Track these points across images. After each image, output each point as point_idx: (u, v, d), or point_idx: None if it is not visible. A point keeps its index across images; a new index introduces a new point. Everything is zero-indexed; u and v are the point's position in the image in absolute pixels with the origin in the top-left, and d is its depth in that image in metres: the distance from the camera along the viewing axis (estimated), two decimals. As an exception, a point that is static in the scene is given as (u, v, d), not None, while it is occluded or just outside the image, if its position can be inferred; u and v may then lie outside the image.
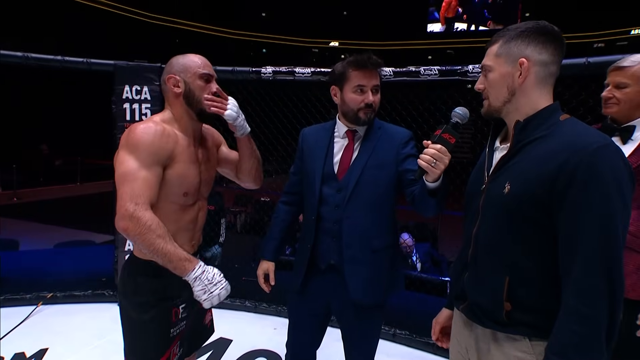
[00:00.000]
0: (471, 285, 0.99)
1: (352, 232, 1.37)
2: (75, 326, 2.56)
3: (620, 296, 0.78)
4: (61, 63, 2.65)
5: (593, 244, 0.77)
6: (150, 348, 1.20)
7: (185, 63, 1.22)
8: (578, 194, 0.78)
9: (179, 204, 1.22)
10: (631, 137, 1.45)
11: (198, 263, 1.12)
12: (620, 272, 0.78)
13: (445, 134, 1.04)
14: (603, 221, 0.77)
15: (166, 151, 1.15)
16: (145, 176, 1.09)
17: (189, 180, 1.22)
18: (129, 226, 1.05)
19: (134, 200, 1.06)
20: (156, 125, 1.16)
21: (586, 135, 0.83)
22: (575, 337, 0.77)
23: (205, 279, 1.10)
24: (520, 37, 0.91)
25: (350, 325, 1.48)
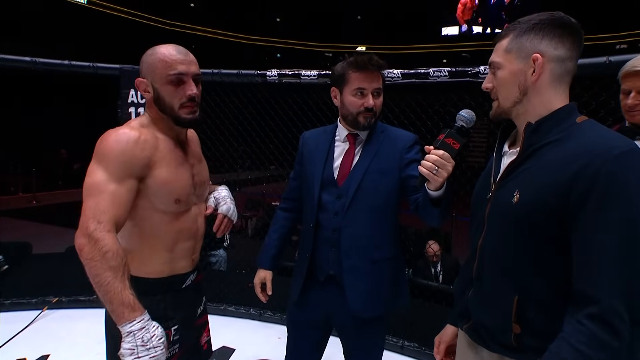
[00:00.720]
0: (476, 303, 0.90)
1: (352, 241, 1.29)
2: (78, 332, 2.54)
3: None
4: (68, 67, 2.66)
5: (615, 265, 0.68)
6: None
7: (152, 63, 1.05)
8: (596, 205, 0.69)
9: (171, 213, 1.10)
10: None
11: (141, 316, 0.92)
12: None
13: (448, 138, 0.96)
14: (626, 239, 0.68)
15: (141, 160, 1.02)
16: (113, 191, 0.97)
17: (179, 184, 1.10)
18: (85, 246, 0.92)
19: (97, 217, 0.94)
20: (131, 131, 1.04)
21: (607, 139, 0.73)
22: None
23: (140, 338, 0.91)
24: (534, 30, 0.82)
25: (351, 339, 1.40)
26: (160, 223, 1.09)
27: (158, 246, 1.10)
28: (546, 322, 0.78)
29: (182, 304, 1.18)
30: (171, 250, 1.12)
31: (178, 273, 1.15)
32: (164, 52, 1.05)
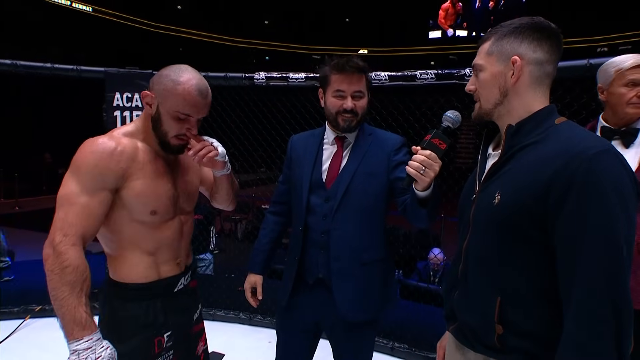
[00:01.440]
0: (461, 304, 0.91)
1: (341, 243, 1.29)
2: (63, 341, 2.47)
3: (628, 324, 0.69)
4: (51, 71, 2.61)
5: (593, 263, 0.69)
6: None
7: (170, 89, 1.02)
8: (575, 205, 0.70)
9: (150, 223, 1.07)
10: (634, 140, 1.36)
11: (90, 335, 0.92)
12: (626, 295, 0.69)
13: (435, 139, 0.97)
14: (605, 236, 0.69)
15: (115, 172, 1.01)
16: (84, 204, 0.96)
17: (154, 197, 1.06)
18: (49, 257, 0.93)
19: (64, 230, 0.94)
20: (109, 141, 1.01)
21: (584, 139, 0.74)
22: None
23: (84, 358, 0.90)
24: (514, 34, 0.84)
25: (341, 343, 1.40)
26: (138, 232, 1.07)
27: (138, 252, 1.08)
28: (530, 324, 0.79)
29: (175, 310, 1.15)
30: (153, 254, 1.10)
31: (164, 277, 1.13)
32: (185, 88, 1.02)
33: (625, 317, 0.68)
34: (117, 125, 2.64)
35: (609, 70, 1.40)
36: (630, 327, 0.69)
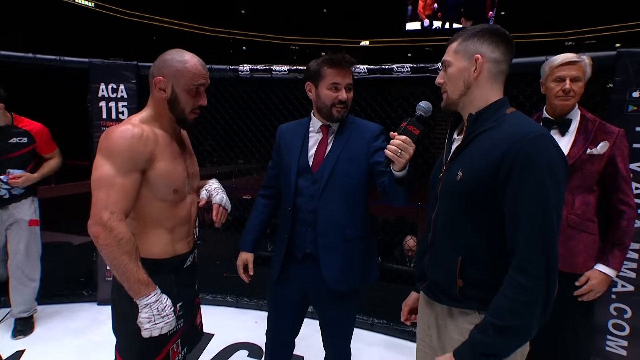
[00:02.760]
0: (430, 266, 1.08)
1: (326, 221, 1.43)
2: (53, 326, 2.54)
3: (555, 269, 0.87)
4: (33, 61, 2.61)
5: (530, 224, 0.86)
6: (148, 346, 1.17)
7: (180, 69, 1.14)
8: (517, 179, 0.87)
9: (170, 201, 1.20)
10: (568, 130, 1.57)
11: (155, 290, 1.09)
12: (555, 250, 0.87)
13: (410, 125, 1.12)
14: (538, 203, 0.86)
15: (145, 155, 1.12)
16: (122, 184, 1.07)
17: (176, 176, 1.20)
18: (101, 234, 1.03)
19: (109, 208, 1.04)
20: (134, 128, 1.12)
21: (526, 126, 0.91)
22: (513, 303, 0.87)
23: (156, 309, 1.07)
24: (477, 36, 0.99)
25: (326, 312, 1.55)
26: (160, 210, 1.19)
27: (160, 229, 1.20)
28: (482, 276, 0.96)
29: (183, 284, 1.29)
30: (171, 232, 1.23)
31: (178, 254, 1.26)
32: (192, 64, 1.16)
33: (554, 265, 0.87)
34: (103, 115, 2.68)
35: (545, 67, 1.60)
36: (556, 273, 0.87)
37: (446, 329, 1.05)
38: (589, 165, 1.52)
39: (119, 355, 1.22)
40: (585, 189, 1.54)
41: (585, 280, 1.52)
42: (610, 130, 1.53)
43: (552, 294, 0.87)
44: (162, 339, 1.18)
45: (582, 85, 1.54)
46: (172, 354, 1.23)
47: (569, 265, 1.53)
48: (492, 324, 0.88)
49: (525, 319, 0.86)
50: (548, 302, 0.87)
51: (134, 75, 2.67)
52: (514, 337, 0.88)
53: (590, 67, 1.54)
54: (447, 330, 1.05)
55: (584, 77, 1.53)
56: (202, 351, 2.35)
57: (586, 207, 1.54)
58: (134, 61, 2.68)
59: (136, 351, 1.18)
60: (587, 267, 1.54)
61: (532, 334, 0.88)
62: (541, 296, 0.86)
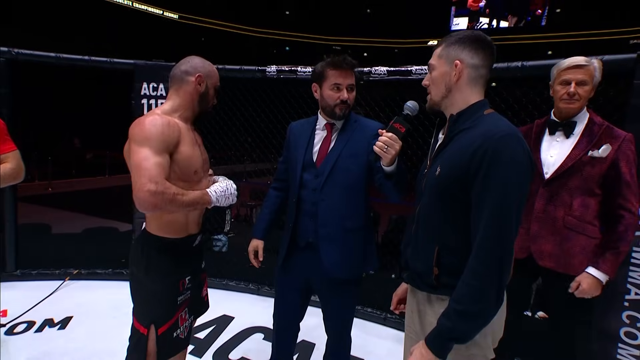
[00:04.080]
0: (412, 256, 1.16)
1: (327, 212, 1.54)
2: (96, 299, 2.85)
3: (509, 259, 0.93)
4: (88, 63, 2.94)
5: (490, 215, 0.92)
6: (160, 312, 1.34)
7: (211, 71, 1.43)
8: (483, 175, 0.93)
9: (191, 182, 1.36)
10: (572, 132, 1.56)
11: (208, 190, 1.36)
12: (510, 239, 0.93)
13: (396, 123, 1.21)
14: (499, 196, 0.92)
15: (173, 139, 1.28)
16: (159, 162, 1.22)
17: (195, 159, 1.37)
18: (157, 202, 1.18)
19: (153, 180, 1.18)
20: (161, 117, 1.28)
21: (497, 126, 0.97)
22: (470, 288, 0.94)
23: (221, 193, 1.38)
24: (458, 43, 1.06)
25: (327, 298, 1.66)
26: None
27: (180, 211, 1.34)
28: (456, 265, 1.02)
29: (192, 259, 1.45)
30: (187, 215, 1.39)
31: (190, 234, 1.42)
32: (216, 70, 1.48)
33: (508, 254, 0.93)
34: (144, 111, 2.96)
35: (553, 70, 1.60)
36: (510, 262, 0.93)
37: (426, 314, 1.13)
38: (589, 168, 1.51)
39: (136, 319, 1.38)
40: (585, 192, 1.53)
41: (576, 286, 1.52)
42: (617, 135, 1.51)
43: (504, 281, 0.93)
44: (173, 307, 1.36)
45: (589, 89, 1.53)
46: (180, 320, 1.39)
47: (564, 266, 1.54)
48: (454, 309, 0.95)
49: (480, 303, 0.93)
50: (500, 289, 0.93)
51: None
52: (472, 320, 0.94)
53: (600, 71, 1.53)
54: (427, 316, 1.12)
55: (591, 81, 1.53)
56: (222, 331, 2.54)
57: (585, 210, 1.53)
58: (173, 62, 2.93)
59: (150, 316, 1.34)
60: (583, 270, 1.53)
61: (490, 317, 0.94)
62: (494, 282, 0.92)
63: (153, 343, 1.33)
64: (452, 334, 0.96)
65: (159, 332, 1.33)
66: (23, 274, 3.09)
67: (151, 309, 1.34)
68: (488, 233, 0.92)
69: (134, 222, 3.09)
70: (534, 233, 1.61)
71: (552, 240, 1.57)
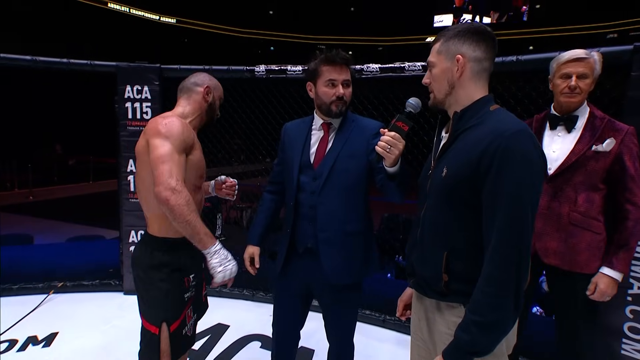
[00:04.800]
0: (418, 261, 1.10)
1: (326, 216, 1.48)
2: (83, 313, 2.73)
3: (527, 263, 0.88)
4: (67, 65, 2.81)
5: (504, 217, 0.87)
6: (170, 309, 1.38)
7: (217, 84, 1.55)
8: (495, 174, 0.88)
9: (196, 185, 1.43)
10: (574, 126, 1.53)
11: (217, 240, 1.33)
12: (527, 242, 0.87)
13: (399, 122, 1.14)
14: (513, 197, 0.87)
15: (190, 140, 1.37)
16: (179, 159, 1.29)
17: (202, 165, 1.46)
18: (171, 198, 1.22)
19: (174, 176, 1.24)
20: (179, 119, 1.37)
21: (506, 122, 0.92)
22: (487, 297, 0.88)
23: (222, 254, 1.32)
24: (457, 37, 1.00)
25: (328, 305, 1.59)
26: (190, 192, 1.36)
27: None
28: (467, 270, 0.97)
29: (194, 259, 1.46)
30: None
31: None
32: (220, 84, 1.58)
33: (525, 258, 0.87)
34: (128, 115, 2.84)
35: (552, 64, 1.58)
36: (527, 266, 0.88)
37: (435, 322, 1.07)
38: (593, 163, 1.49)
39: (145, 320, 1.39)
40: (589, 187, 1.51)
41: (594, 288, 1.49)
42: (619, 128, 1.49)
43: (522, 287, 0.88)
44: (181, 305, 1.40)
45: (590, 82, 1.51)
46: (187, 317, 1.43)
47: (569, 263, 1.51)
48: (471, 320, 0.90)
49: (499, 312, 0.87)
50: (519, 294, 0.88)
51: (157, 77, 2.82)
52: (492, 331, 0.89)
53: (600, 63, 1.51)
54: (436, 324, 1.07)
55: (592, 74, 1.50)
56: (218, 341, 2.46)
57: (590, 205, 1.51)
58: (157, 64, 2.83)
59: (161, 314, 1.37)
60: (589, 267, 1.51)
61: (510, 326, 0.89)
62: (512, 289, 0.87)
63: (166, 341, 1.37)
64: (472, 348, 0.90)
65: (171, 329, 1.37)
66: (3, 289, 2.94)
67: (161, 307, 1.37)
68: (503, 236, 0.87)
69: (121, 229, 2.98)
70: (538, 230, 1.57)
71: (557, 237, 1.54)
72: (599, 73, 1.52)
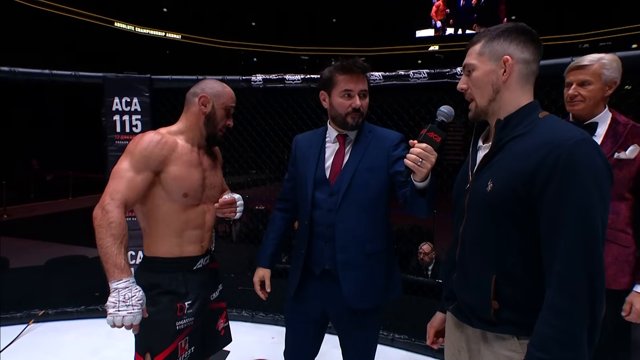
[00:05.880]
0: (459, 285, 0.99)
1: (345, 236, 1.36)
2: (68, 344, 2.51)
3: (601, 291, 0.78)
4: (49, 77, 2.63)
5: (572, 239, 0.77)
6: (157, 338, 1.27)
7: (220, 91, 1.40)
8: (557, 188, 0.79)
9: (180, 204, 1.32)
10: (595, 133, 1.49)
11: (127, 278, 1.13)
12: (600, 266, 0.78)
13: (430, 132, 1.04)
14: (582, 214, 0.77)
15: (157, 157, 1.26)
16: (131, 177, 1.22)
17: (187, 182, 1.32)
18: (97, 215, 1.16)
19: (112, 195, 1.18)
20: (155, 135, 1.29)
21: (564, 130, 0.83)
22: (556, 331, 0.77)
23: (123, 295, 1.11)
24: (503, 36, 0.92)
25: (347, 331, 1.47)
26: (170, 211, 1.31)
27: (168, 230, 1.32)
28: (521, 297, 0.87)
29: (195, 284, 1.37)
30: (179, 235, 1.34)
31: (187, 255, 1.35)
32: (229, 89, 1.44)
33: (599, 285, 0.77)
34: (117, 129, 2.68)
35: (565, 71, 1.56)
36: (602, 294, 0.78)
37: (479, 354, 0.96)
38: (617, 171, 1.43)
39: (135, 348, 1.29)
40: (614, 197, 1.44)
41: (629, 308, 1.42)
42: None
43: (599, 318, 0.78)
44: (171, 333, 1.28)
45: (595, 89, 1.46)
46: (180, 349, 1.30)
47: None
48: (538, 358, 0.78)
49: (573, 349, 0.77)
50: (595, 327, 0.78)
51: (147, 89, 2.67)
52: None
53: (613, 68, 1.46)
54: (481, 356, 0.96)
55: (598, 79, 1.46)
56: (218, 369, 2.29)
57: (616, 217, 1.44)
58: (147, 74, 2.68)
59: (146, 341, 1.26)
60: (617, 282, 1.43)
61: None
62: (585, 322, 0.76)
63: None
64: None
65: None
66: (-22, 319, 2.69)
67: (147, 333, 1.25)
68: (571, 260, 0.77)
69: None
70: None
71: None
72: (615, 77, 1.47)
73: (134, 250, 2.76)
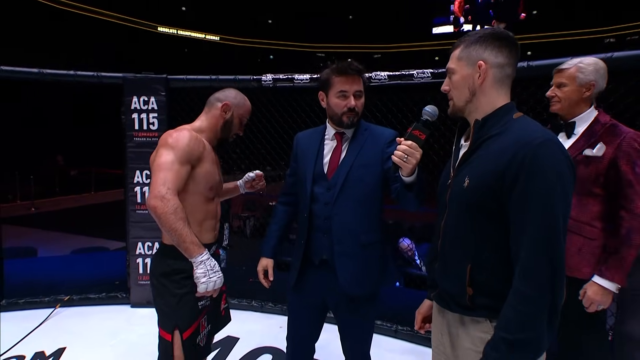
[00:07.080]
0: (440, 274, 1.07)
1: (342, 227, 1.45)
2: (90, 327, 2.69)
3: (561, 278, 0.85)
4: (74, 77, 2.81)
5: (535, 230, 0.84)
6: (185, 316, 1.40)
7: (242, 103, 1.57)
8: (523, 184, 0.86)
9: (205, 197, 1.47)
10: (574, 132, 1.54)
11: (205, 250, 1.33)
12: (561, 257, 0.84)
13: (415, 130, 1.12)
14: (544, 209, 0.84)
15: (197, 153, 1.40)
16: (177, 169, 1.34)
17: (212, 177, 1.48)
18: (158, 205, 1.26)
19: (166, 185, 1.29)
20: (189, 132, 1.42)
21: (532, 131, 0.90)
22: (519, 315, 0.85)
23: (209, 265, 1.33)
24: (478, 42, 0.99)
25: (344, 317, 1.56)
26: (197, 202, 1.44)
27: (192, 219, 1.41)
28: (492, 284, 0.95)
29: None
30: (200, 224, 1.46)
31: (205, 243, 1.45)
32: (249, 103, 1.61)
33: (560, 273, 0.84)
34: (135, 126, 2.83)
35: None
36: (562, 282, 0.85)
37: (458, 337, 1.04)
38: (582, 167, 1.50)
39: (161, 327, 1.42)
40: (580, 191, 1.51)
41: (583, 294, 1.48)
42: (618, 133, 1.48)
43: (558, 304, 0.85)
44: (195, 312, 1.42)
45: (570, 90, 1.55)
46: (201, 326, 1.45)
47: None
48: (502, 338, 0.86)
49: (532, 331, 0.84)
50: (554, 312, 0.85)
51: (163, 88, 2.82)
52: (524, 351, 0.85)
53: (589, 71, 1.52)
54: (460, 339, 1.04)
55: (573, 82, 1.54)
56: (228, 354, 2.42)
57: (580, 210, 1.51)
58: (163, 74, 2.83)
59: (174, 320, 1.39)
60: (580, 271, 1.50)
61: (544, 346, 0.86)
62: (546, 306, 0.83)
63: (179, 348, 1.39)
64: None
65: (183, 336, 1.39)
66: (9, 303, 2.91)
67: (174, 313, 1.39)
68: (534, 250, 0.84)
69: (128, 241, 2.95)
70: None
71: None
72: (591, 80, 1.53)
73: (150, 242, 2.93)
